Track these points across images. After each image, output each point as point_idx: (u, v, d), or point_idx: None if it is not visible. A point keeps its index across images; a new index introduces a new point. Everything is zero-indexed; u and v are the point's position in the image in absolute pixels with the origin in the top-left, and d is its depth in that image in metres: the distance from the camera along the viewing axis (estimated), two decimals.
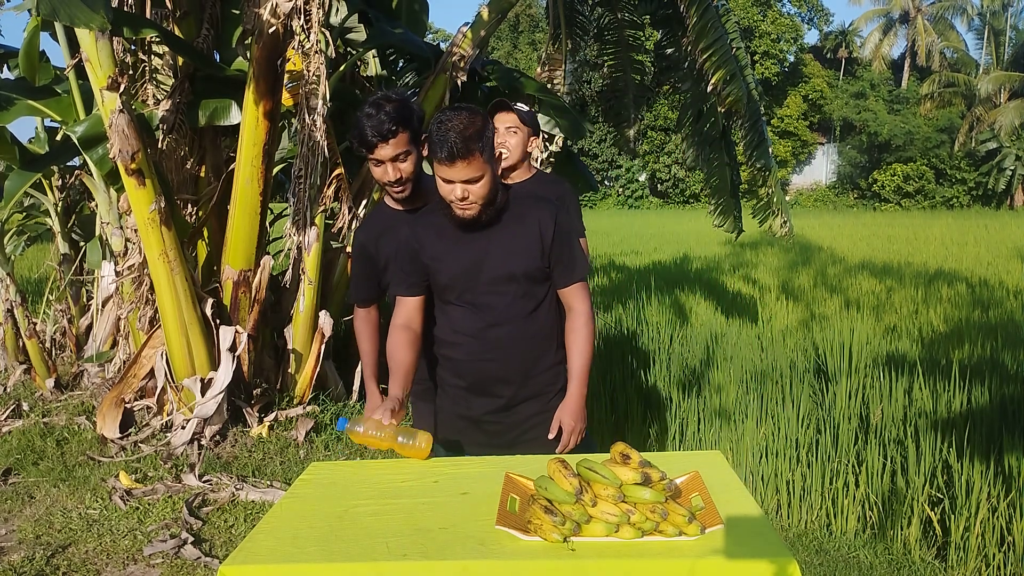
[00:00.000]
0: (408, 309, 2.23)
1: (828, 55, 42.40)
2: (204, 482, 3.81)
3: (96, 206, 5.24)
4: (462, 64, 4.67)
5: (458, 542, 1.53)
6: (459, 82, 4.65)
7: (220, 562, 2.18)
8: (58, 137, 5.69)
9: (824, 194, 40.34)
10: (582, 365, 2.21)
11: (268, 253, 4.61)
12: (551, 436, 2.19)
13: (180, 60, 4.45)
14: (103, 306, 5.41)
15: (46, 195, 5.77)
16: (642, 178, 40.05)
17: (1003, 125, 35.00)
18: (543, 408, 2.24)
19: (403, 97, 2.26)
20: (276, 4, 3.67)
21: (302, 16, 3.76)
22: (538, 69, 5.78)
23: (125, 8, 4.29)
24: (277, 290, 4.87)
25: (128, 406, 4.43)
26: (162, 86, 4.56)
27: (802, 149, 39.77)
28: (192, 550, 3.13)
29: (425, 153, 2.14)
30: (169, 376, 4.35)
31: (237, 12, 4.49)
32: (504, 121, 2.71)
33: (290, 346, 4.68)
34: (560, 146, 4.98)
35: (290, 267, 4.76)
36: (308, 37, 3.84)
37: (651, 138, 37.49)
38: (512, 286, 2.17)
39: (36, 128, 5.87)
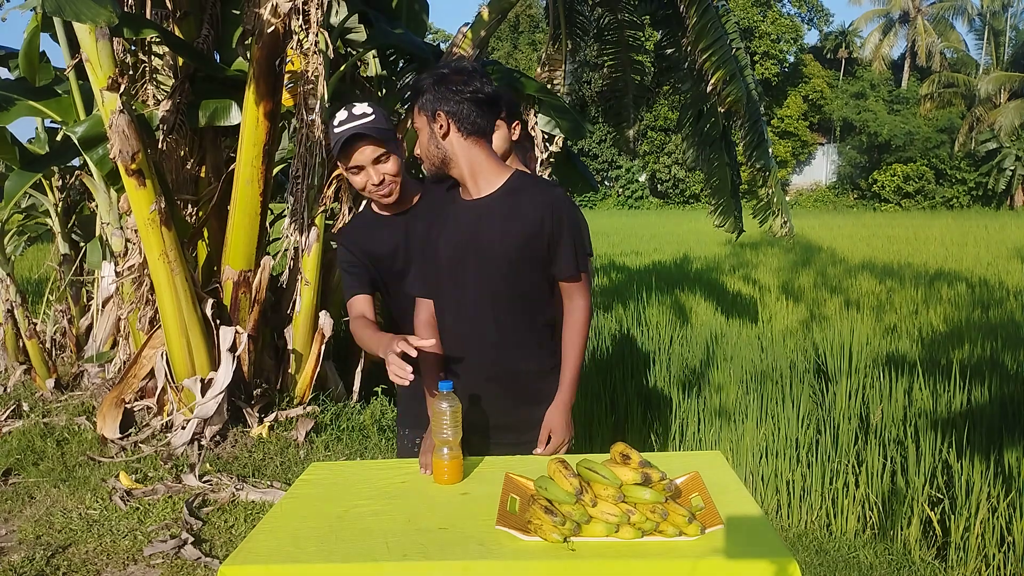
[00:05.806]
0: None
1: (828, 55, 42.39)
2: (204, 482, 3.81)
3: (96, 206, 5.24)
4: None
5: (458, 542, 1.53)
6: None
7: (220, 562, 2.19)
8: (58, 137, 5.69)
9: (824, 194, 40.32)
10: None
11: (268, 253, 4.61)
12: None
13: (180, 60, 4.45)
14: (103, 306, 5.41)
15: (46, 195, 5.77)
16: (642, 178, 40.06)
17: (1003, 125, 34.99)
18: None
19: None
20: (276, 4, 3.67)
21: (301, 16, 3.76)
22: (538, 69, 5.76)
23: (126, 8, 4.30)
24: (277, 290, 4.86)
25: (128, 406, 4.43)
26: (162, 86, 4.56)
27: (802, 149, 39.77)
28: (192, 550, 3.13)
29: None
30: (169, 376, 4.35)
31: (237, 12, 4.49)
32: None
33: (290, 346, 4.67)
34: (560, 146, 4.98)
35: (289, 267, 4.76)
36: (308, 37, 3.85)
37: (651, 138, 37.50)
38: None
39: (36, 128, 5.87)
